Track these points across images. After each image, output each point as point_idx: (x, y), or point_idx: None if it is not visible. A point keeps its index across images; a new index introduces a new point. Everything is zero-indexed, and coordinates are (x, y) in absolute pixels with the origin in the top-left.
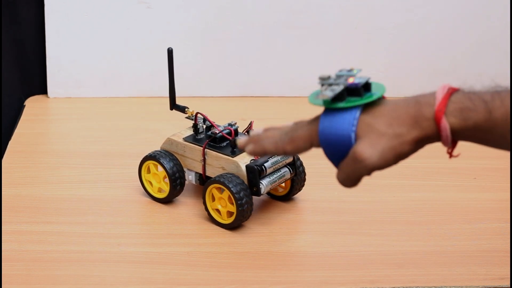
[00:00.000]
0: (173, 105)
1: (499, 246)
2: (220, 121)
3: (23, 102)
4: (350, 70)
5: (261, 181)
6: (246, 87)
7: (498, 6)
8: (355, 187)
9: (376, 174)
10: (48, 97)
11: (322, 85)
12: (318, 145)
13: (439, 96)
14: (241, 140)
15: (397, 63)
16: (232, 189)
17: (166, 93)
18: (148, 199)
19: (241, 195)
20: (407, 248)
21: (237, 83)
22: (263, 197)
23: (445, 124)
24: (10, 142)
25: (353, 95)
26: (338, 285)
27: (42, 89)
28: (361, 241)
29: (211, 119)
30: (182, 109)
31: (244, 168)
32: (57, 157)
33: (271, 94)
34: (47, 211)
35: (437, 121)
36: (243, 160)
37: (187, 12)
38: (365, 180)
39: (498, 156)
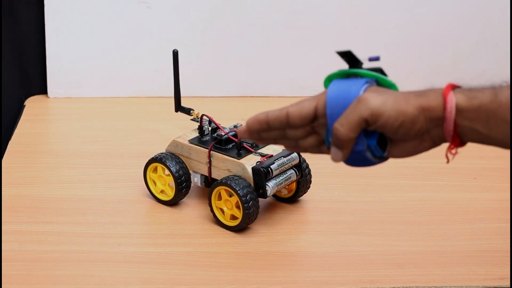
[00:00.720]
0: (178, 107)
1: (499, 246)
2: (221, 122)
3: (23, 102)
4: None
5: (267, 183)
6: (246, 87)
7: (498, 6)
8: (348, 144)
9: (376, 174)
10: (48, 97)
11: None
12: (322, 109)
13: (447, 84)
14: (241, 127)
15: (397, 63)
16: (239, 192)
17: (166, 93)
18: (148, 199)
19: (247, 198)
20: (407, 248)
21: (237, 83)
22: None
23: (451, 96)
24: (10, 142)
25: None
26: (338, 285)
27: (42, 89)
28: (361, 241)
29: (216, 121)
30: (187, 111)
31: (250, 170)
32: (57, 157)
33: (271, 94)
34: (47, 211)
35: (444, 93)
36: (249, 162)
37: (187, 12)
38: (365, 180)
39: (498, 156)
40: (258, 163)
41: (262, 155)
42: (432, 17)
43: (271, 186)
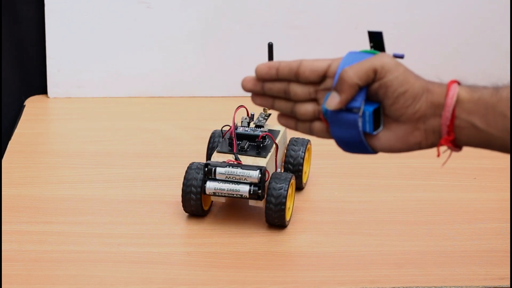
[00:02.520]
0: None
1: (499, 246)
2: (221, 122)
3: (23, 102)
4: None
5: (206, 181)
6: None
7: (498, 6)
8: (349, 90)
9: (376, 174)
10: (48, 97)
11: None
12: (334, 70)
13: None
14: (248, 76)
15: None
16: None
17: (166, 93)
18: (148, 199)
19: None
20: (407, 248)
21: (237, 83)
22: None
23: (455, 86)
24: (10, 142)
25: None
26: (338, 285)
27: (42, 89)
28: (361, 241)
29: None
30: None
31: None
32: (57, 157)
33: None
34: (47, 211)
35: (448, 85)
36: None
37: (187, 12)
38: (365, 180)
39: (498, 156)
40: (215, 161)
41: (236, 159)
42: (432, 17)
43: (209, 187)
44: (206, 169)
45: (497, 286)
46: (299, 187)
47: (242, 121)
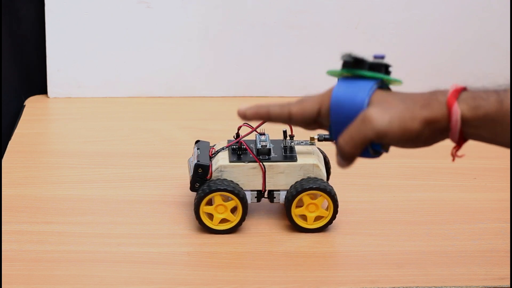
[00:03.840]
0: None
1: (499, 246)
2: (221, 122)
3: (23, 102)
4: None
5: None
6: (246, 87)
7: (498, 6)
8: (353, 158)
9: (376, 174)
10: (48, 97)
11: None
12: (326, 111)
13: (453, 87)
14: (243, 106)
15: (397, 62)
16: (331, 192)
17: (166, 93)
18: (148, 199)
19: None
20: (407, 248)
21: (237, 83)
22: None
23: (456, 108)
24: (10, 142)
25: (375, 70)
26: (338, 285)
27: (42, 89)
28: (361, 241)
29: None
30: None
31: (323, 170)
32: (57, 157)
33: (271, 94)
34: (47, 211)
35: (448, 105)
36: (309, 159)
37: (187, 12)
38: (365, 180)
39: (498, 156)
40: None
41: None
42: (432, 16)
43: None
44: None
45: (497, 286)
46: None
47: (283, 133)
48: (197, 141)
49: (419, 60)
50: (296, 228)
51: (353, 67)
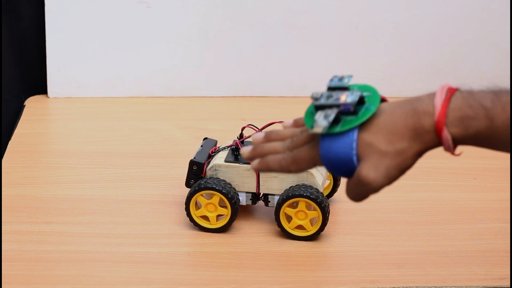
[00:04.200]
0: None
1: (499, 246)
2: (221, 122)
3: (23, 102)
4: (341, 79)
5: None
6: (246, 87)
7: (498, 5)
8: (362, 200)
9: None
10: (48, 97)
11: (315, 107)
12: (321, 165)
13: (438, 104)
14: (245, 151)
15: (397, 62)
16: (321, 203)
17: (166, 93)
18: (148, 199)
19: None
20: (407, 248)
21: (237, 83)
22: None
23: (447, 135)
24: (10, 142)
25: (349, 114)
26: (338, 285)
27: (42, 89)
28: (361, 241)
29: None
30: None
31: (318, 178)
32: (57, 157)
33: (271, 94)
34: (47, 211)
35: (438, 132)
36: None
37: (187, 12)
38: None
39: (498, 156)
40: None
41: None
42: (432, 16)
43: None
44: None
45: (497, 286)
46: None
47: None
48: (205, 138)
49: (419, 60)
50: (283, 233)
51: (333, 124)
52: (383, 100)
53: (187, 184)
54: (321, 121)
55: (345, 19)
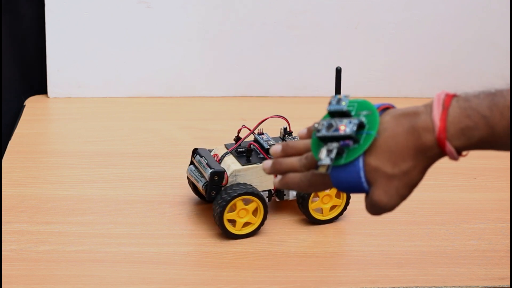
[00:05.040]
0: None
1: (499, 246)
2: (221, 122)
3: (23, 102)
4: (339, 101)
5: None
6: (246, 87)
7: (498, 6)
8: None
9: None
10: (48, 97)
11: (319, 139)
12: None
13: (436, 119)
14: (266, 165)
15: (397, 63)
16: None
17: (166, 93)
18: (148, 199)
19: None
20: (407, 248)
21: (237, 83)
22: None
23: (451, 149)
24: (10, 142)
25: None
26: (338, 285)
27: (42, 89)
28: (361, 241)
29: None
30: None
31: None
32: (57, 157)
33: (271, 94)
34: (47, 211)
35: (441, 147)
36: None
37: (187, 12)
38: None
39: (498, 156)
40: (204, 149)
41: (223, 156)
42: (432, 16)
43: (188, 169)
44: (193, 153)
45: (497, 286)
46: (313, 221)
47: (280, 131)
48: (194, 150)
49: (419, 60)
50: (312, 221)
51: (337, 158)
52: (384, 109)
53: (209, 197)
54: (325, 159)
55: (345, 19)
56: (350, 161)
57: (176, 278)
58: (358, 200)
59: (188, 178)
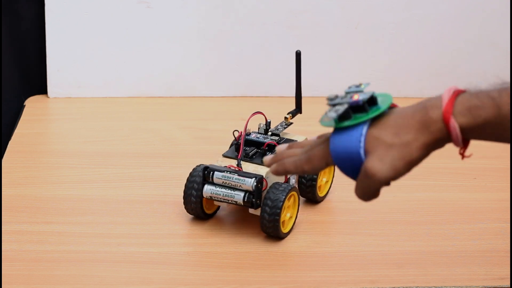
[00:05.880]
0: (299, 107)
1: (499, 246)
2: (221, 122)
3: (23, 102)
4: (358, 86)
5: (205, 185)
6: (246, 87)
7: (498, 6)
8: (375, 199)
9: None
10: (48, 97)
11: (329, 106)
12: (332, 163)
13: (445, 98)
14: (267, 158)
15: (397, 63)
16: None
17: (166, 93)
18: (148, 199)
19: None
20: (407, 248)
21: (237, 83)
22: None
23: (454, 124)
24: (10, 142)
25: (359, 112)
26: (338, 285)
27: (42, 89)
28: (361, 241)
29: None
30: (293, 113)
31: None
32: (57, 157)
33: (271, 94)
34: (47, 211)
35: (445, 122)
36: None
37: (187, 12)
38: None
39: (498, 156)
40: (215, 166)
41: (238, 165)
42: (432, 16)
43: (206, 190)
44: (205, 172)
45: (497, 286)
46: (314, 200)
47: (258, 128)
48: (206, 168)
49: (419, 60)
50: (315, 199)
51: (339, 120)
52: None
53: (256, 206)
54: (331, 114)
55: (345, 19)
56: (353, 124)
57: (176, 278)
58: (358, 200)
59: (205, 199)
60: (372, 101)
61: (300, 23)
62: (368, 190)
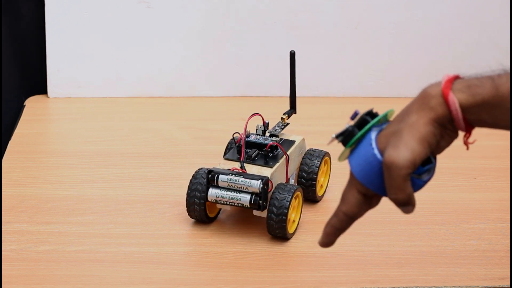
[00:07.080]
0: (294, 107)
1: (499, 246)
2: (221, 122)
3: (23, 102)
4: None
5: (209, 188)
6: (246, 87)
7: (498, 6)
8: (411, 199)
9: None
10: (48, 97)
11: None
12: (364, 189)
13: (445, 78)
14: (321, 241)
15: (397, 63)
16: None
17: (166, 93)
18: (148, 199)
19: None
20: (407, 248)
21: (237, 83)
22: None
23: (453, 98)
24: (10, 142)
25: (362, 126)
26: (338, 285)
27: (42, 89)
28: (361, 241)
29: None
30: (289, 114)
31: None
32: (57, 157)
33: (271, 94)
34: (47, 211)
35: (444, 97)
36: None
37: (187, 12)
38: None
39: (498, 156)
40: (219, 169)
41: (242, 167)
42: (432, 17)
43: (211, 194)
44: (209, 175)
45: (497, 286)
46: (313, 199)
47: (256, 129)
48: (210, 171)
49: (420, 60)
50: (315, 199)
51: (348, 140)
52: None
53: (263, 208)
54: (332, 135)
55: (345, 19)
56: (361, 135)
57: (176, 278)
58: None
59: (209, 202)
60: (372, 115)
61: (300, 23)
62: (397, 185)
